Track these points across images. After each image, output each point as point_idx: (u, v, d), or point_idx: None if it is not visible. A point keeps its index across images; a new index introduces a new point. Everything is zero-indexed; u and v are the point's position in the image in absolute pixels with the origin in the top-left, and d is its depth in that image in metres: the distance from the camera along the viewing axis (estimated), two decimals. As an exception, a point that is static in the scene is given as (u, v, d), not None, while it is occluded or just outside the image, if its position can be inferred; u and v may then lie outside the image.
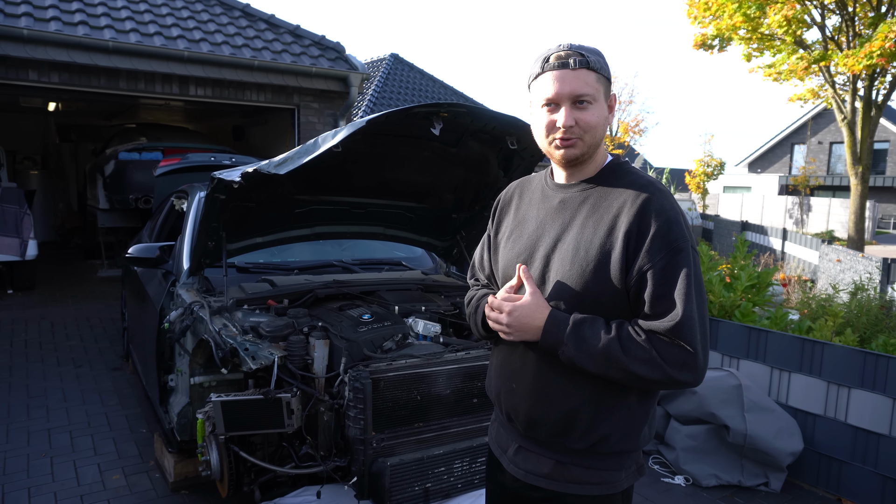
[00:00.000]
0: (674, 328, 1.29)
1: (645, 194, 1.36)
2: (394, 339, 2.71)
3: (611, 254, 1.34)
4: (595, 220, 1.39)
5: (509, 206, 1.62)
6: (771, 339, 3.85)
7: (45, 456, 3.66)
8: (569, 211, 1.44)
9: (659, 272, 1.31)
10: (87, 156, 11.18)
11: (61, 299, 7.62)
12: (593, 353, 1.31)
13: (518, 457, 1.51)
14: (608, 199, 1.39)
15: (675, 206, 1.36)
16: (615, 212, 1.37)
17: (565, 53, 1.37)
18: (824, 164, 30.32)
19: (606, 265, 1.34)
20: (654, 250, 1.31)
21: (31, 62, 6.05)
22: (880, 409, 3.32)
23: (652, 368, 1.30)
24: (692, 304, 1.30)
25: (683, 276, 1.30)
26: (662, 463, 3.85)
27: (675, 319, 1.28)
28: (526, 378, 1.46)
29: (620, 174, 1.43)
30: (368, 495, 2.43)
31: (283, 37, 8.01)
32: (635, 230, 1.33)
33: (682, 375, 1.31)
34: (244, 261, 3.54)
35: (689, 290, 1.30)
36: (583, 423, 1.40)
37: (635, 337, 1.31)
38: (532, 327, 1.37)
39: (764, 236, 15.27)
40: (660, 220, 1.32)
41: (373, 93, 15.01)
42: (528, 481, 1.48)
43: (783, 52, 12.44)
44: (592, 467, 1.43)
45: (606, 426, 1.40)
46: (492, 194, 3.25)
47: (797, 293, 6.85)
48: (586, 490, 1.43)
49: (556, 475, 1.44)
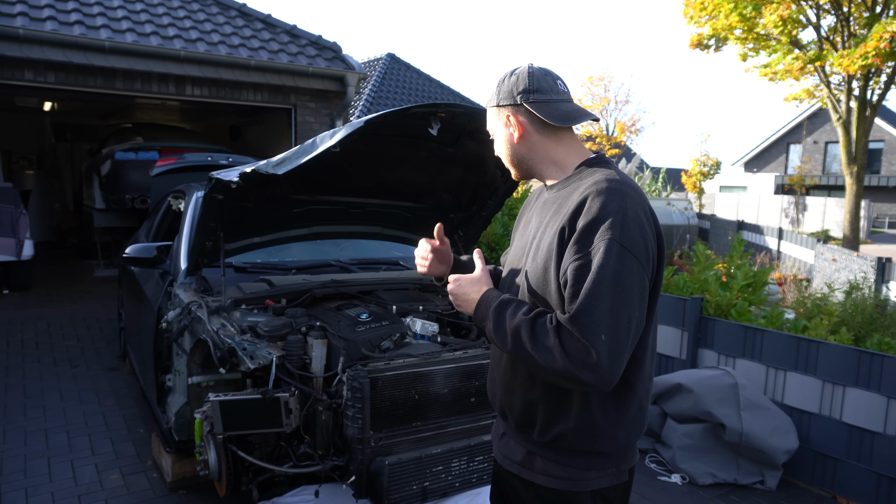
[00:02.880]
0: (570, 319, 1.27)
1: (586, 194, 1.36)
2: (392, 338, 2.72)
3: (552, 252, 1.39)
4: (554, 220, 1.44)
5: (526, 208, 1.71)
6: (767, 337, 3.87)
7: (43, 456, 3.65)
8: (546, 211, 1.51)
9: (577, 269, 1.30)
10: (82, 155, 11.14)
11: (57, 299, 7.60)
12: (506, 331, 1.37)
13: (501, 442, 1.62)
14: (569, 200, 1.42)
15: (614, 205, 1.31)
16: (565, 211, 1.40)
17: None
18: (820, 163, 30.43)
19: (549, 262, 1.39)
20: (579, 247, 1.32)
21: (27, 62, 6.03)
22: (875, 407, 3.35)
23: (552, 358, 1.28)
24: (598, 301, 1.26)
25: (595, 273, 1.27)
26: (659, 461, 3.86)
27: (571, 312, 1.28)
28: (500, 367, 1.57)
29: (587, 174, 1.45)
30: (366, 494, 2.44)
31: (280, 36, 8.00)
32: (567, 227, 1.36)
33: (583, 374, 1.26)
34: (242, 261, 3.54)
35: (599, 287, 1.27)
36: (541, 416, 1.45)
37: (546, 324, 1.32)
38: (468, 300, 1.50)
39: (760, 236, 15.31)
40: (588, 218, 1.32)
41: (369, 92, 15.01)
42: (506, 467, 1.57)
43: (779, 52, 12.48)
44: (557, 462, 1.46)
45: (562, 424, 1.42)
46: (489, 194, 3.26)
47: (793, 292, 6.88)
48: (552, 483, 1.46)
49: (527, 464, 1.51)
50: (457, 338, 2.95)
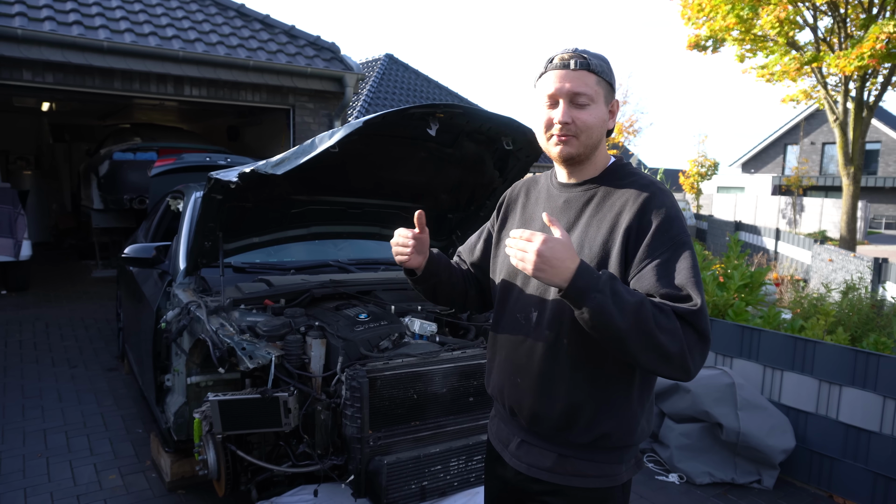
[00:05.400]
0: (695, 313, 1.29)
1: (646, 193, 1.41)
2: (390, 338, 2.73)
3: (611, 251, 1.38)
4: (598, 219, 1.43)
5: (515, 204, 1.66)
6: (764, 337, 3.89)
7: (41, 456, 3.65)
8: (573, 210, 1.48)
9: (662, 264, 1.33)
10: (80, 156, 11.13)
11: (55, 300, 7.60)
12: (626, 307, 1.24)
13: (521, 451, 1.54)
14: (611, 199, 1.44)
15: (676, 205, 1.41)
16: (617, 210, 1.41)
17: (568, 56, 1.44)
18: (817, 164, 30.49)
19: (606, 262, 1.39)
20: (656, 245, 1.35)
21: (25, 62, 6.03)
22: (871, 406, 3.36)
23: (673, 340, 1.25)
24: (704, 295, 1.33)
25: (690, 267, 1.33)
26: (657, 461, 3.87)
27: (696, 306, 1.29)
28: (531, 372, 1.48)
29: (623, 174, 1.48)
30: (365, 493, 2.45)
31: (279, 37, 8.00)
32: (635, 227, 1.37)
33: (691, 362, 1.28)
34: (241, 261, 3.54)
35: (699, 281, 1.33)
36: (585, 418, 1.43)
37: (662, 307, 1.29)
38: (563, 266, 1.25)
39: (757, 236, 15.35)
40: (661, 217, 1.37)
41: (368, 93, 15.02)
42: (530, 475, 1.51)
43: (776, 54, 12.50)
44: (594, 460, 1.46)
45: (608, 423, 1.43)
46: (487, 194, 3.27)
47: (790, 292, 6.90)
48: (588, 483, 1.46)
49: (559, 468, 1.47)
50: (455, 337, 2.96)
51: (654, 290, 1.32)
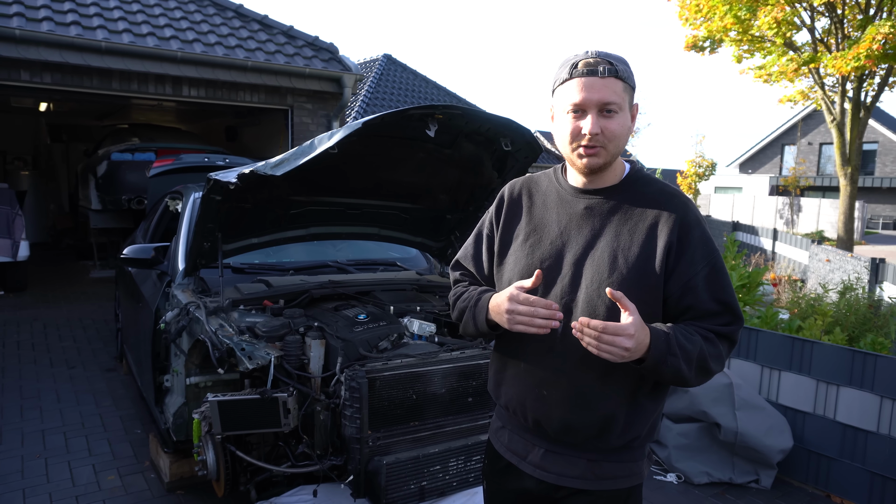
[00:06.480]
0: (737, 331, 1.42)
1: (680, 206, 1.44)
2: (389, 338, 2.73)
3: (652, 262, 1.39)
4: (629, 228, 1.42)
5: (518, 207, 1.57)
6: (761, 337, 3.90)
7: (40, 457, 3.65)
8: (597, 218, 1.45)
9: (703, 279, 1.40)
10: (78, 156, 11.11)
11: (53, 300, 7.59)
12: (691, 358, 1.35)
13: (546, 461, 1.50)
14: (640, 208, 1.44)
15: (701, 215, 1.48)
16: (651, 221, 1.42)
17: (594, 61, 1.36)
18: (814, 164, 30.56)
19: (647, 273, 1.39)
20: (696, 260, 1.41)
21: (23, 62, 6.02)
22: (868, 406, 3.37)
23: (718, 363, 1.40)
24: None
25: (727, 283, 1.42)
26: (655, 461, 3.88)
27: (736, 323, 1.42)
28: (560, 385, 1.44)
29: (644, 182, 1.49)
30: (364, 494, 2.45)
31: (277, 37, 8.00)
32: (675, 241, 1.40)
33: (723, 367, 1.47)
34: (240, 261, 3.54)
35: (734, 293, 1.44)
36: (619, 424, 1.43)
37: (708, 336, 1.40)
38: (643, 344, 1.29)
39: (755, 236, 15.38)
40: (696, 232, 1.42)
41: (366, 93, 15.02)
42: (561, 483, 1.48)
43: (773, 54, 12.53)
44: (622, 461, 1.48)
45: (640, 425, 1.45)
46: (486, 195, 3.27)
47: (787, 293, 6.92)
48: (618, 484, 1.48)
49: (589, 474, 1.47)
50: (454, 338, 2.97)
51: (705, 304, 1.40)
